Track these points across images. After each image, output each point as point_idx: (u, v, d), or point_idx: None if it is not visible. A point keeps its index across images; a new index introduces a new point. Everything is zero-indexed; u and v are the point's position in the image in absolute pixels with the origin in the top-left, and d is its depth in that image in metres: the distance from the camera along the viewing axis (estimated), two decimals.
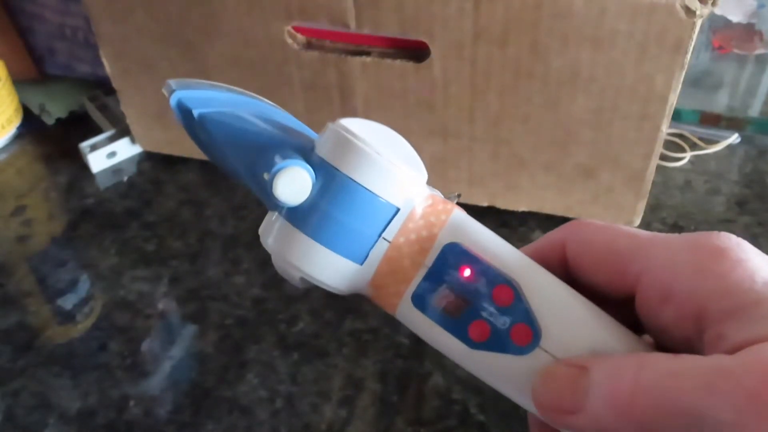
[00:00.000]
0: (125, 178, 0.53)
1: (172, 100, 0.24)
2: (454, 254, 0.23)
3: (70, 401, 0.38)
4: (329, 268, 0.23)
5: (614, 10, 0.36)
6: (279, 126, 0.25)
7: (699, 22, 0.36)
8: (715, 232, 0.21)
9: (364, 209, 0.23)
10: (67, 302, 0.44)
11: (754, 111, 0.57)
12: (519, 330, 0.22)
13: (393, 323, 0.41)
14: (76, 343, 0.41)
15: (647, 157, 0.42)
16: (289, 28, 0.43)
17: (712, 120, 0.55)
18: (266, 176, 0.23)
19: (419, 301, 0.23)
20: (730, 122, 0.55)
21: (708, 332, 0.20)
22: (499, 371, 0.23)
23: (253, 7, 0.42)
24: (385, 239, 0.23)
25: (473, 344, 0.23)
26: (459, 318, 0.23)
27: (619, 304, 0.23)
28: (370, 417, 0.37)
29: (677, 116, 0.55)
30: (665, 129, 0.40)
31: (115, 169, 0.54)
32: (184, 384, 0.39)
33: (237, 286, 0.44)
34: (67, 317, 0.43)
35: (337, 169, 0.23)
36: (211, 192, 0.51)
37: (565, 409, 0.21)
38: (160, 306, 0.43)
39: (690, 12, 0.35)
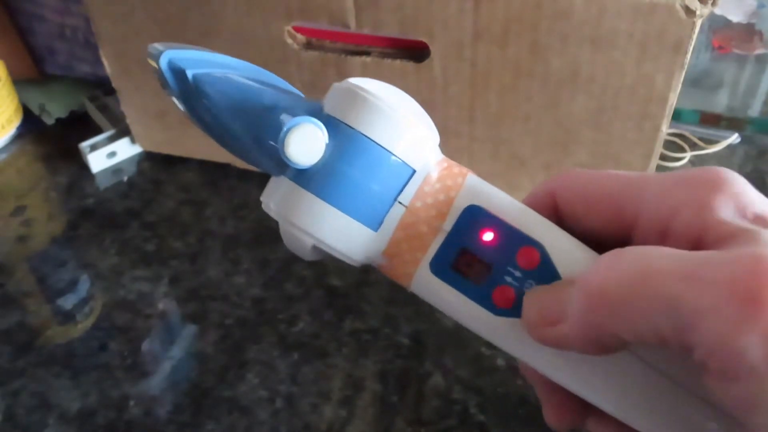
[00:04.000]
0: (125, 178, 0.53)
1: (162, 61, 0.22)
2: (475, 217, 0.22)
3: (70, 401, 0.38)
4: (342, 233, 0.22)
5: (614, 10, 0.36)
6: (279, 88, 0.23)
7: (699, 22, 0.36)
8: (709, 167, 0.21)
9: (380, 169, 0.22)
10: (67, 302, 0.44)
11: (754, 111, 0.57)
12: None
13: (393, 323, 0.41)
14: (76, 343, 0.41)
15: (647, 157, 0.42)
16: (289, 28, 0.43)
17: (712, 120, 0.55)
18: (274, 138, 0.21)
19: (438, 268, 0.22)
20: (730, 122, 0.55)
21: None
22: (525, 338, 0.22)
23: (253, 7, 0.42)
24: (400, 203, 0.22)
25: (497, 311, 0.22)
26: (482, 284, 0.22)
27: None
28: (370, 417, 0.37)
29: (677, 116, 0.55)
30: (665, 129, 0.40)
31: (115, 169, 0.54)
32: (184, 384, 0.39)
33: (237, 286, 0.44)
34: (67, 317, 0.43)
35: (351, 127, 0.22)
36: (211, 192, 0.51)
37: (549, 320, 0.20)
38: (160, 306, 0.43)
39: (690, 12, 0.35)
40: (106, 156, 0.53)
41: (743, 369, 0.17)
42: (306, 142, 0.21)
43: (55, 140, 0.57)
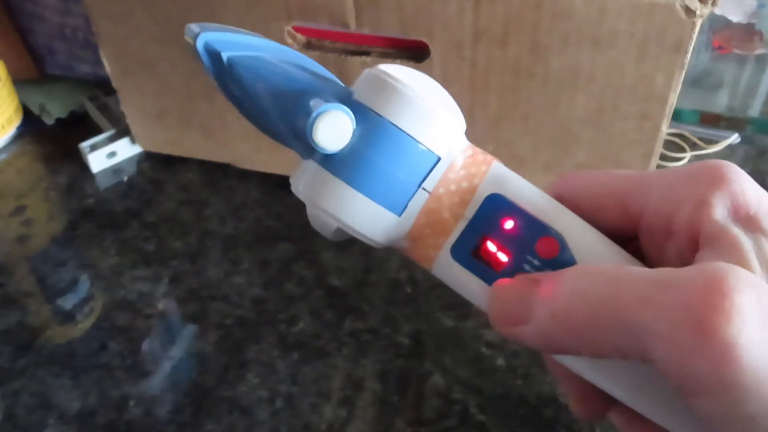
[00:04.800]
0: (125, 178, 0.53)
1: (199, 43, 0.23)
2: (497, 205, 0.23)
3: (70, 401, 0.38)
4: (366, 217, 0.23)
5: (614, 10, 0.36)
6: (311, 72, 0.24)
7: (699, 22, 0.36)
8: (714, 160, 0.21)
9: (405, 156, 0.22)
10: (67, 302, 0.44)
11: (754, 111, 0.57)
12: None
13: (393, 323, 0.41)
14: (76, 343, 0.41)
15: (647, 157, 0.42)
16: (289, 28, 0.43)
17: (712, 120, 0.55)
18: (303, 122, 0.21)
19: (459, 253, 0.23)
20: (730, 122, 0.55)
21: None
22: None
23: (253, 7, 0.43)
24: (424, 189, 0.23)
25: None
26: (501, 271, 0.23)
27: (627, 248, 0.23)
28: (370, 417, 0.37)
29: (677, 116, 0.55)
30: (665, 129, 0.40)
31: (115, 169, 0.54)
32: (184, 384, 0.39)
33: (237, 286, 0.44)
34: (67, 317, 0.43)
35: (379, 114, 0.22)
36: (211, 192, 0.51)
37: (513, 321, 0.21)
38: (160, 306, 0.43)
39: (690, 12, 0.35)
40: (106, 156, 0.53)
41: (699, 389, 0.17)
42: (334, 129, 0.22)
43: (55, 140, 0.57)
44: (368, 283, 0.44)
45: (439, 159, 0.23)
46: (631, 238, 0.23)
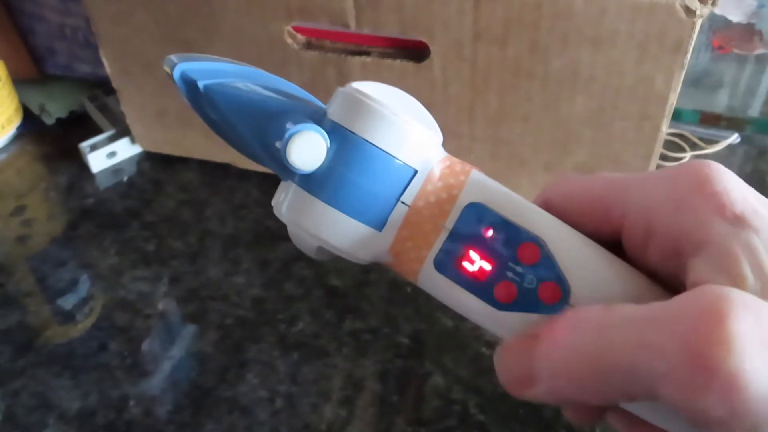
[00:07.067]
0: (125, 178, 0.53)
1: (176, 73, 0.24)
2: (476, 215, 0.23)
3: (70, 401, 0.38)
4: (347, 234, 0.23)
5: (614, 10, 0.36)
6: (286, 94, 0.24)
7: (699, 22, 0.36)
8: (696, 161, 0.21)
9: (382, 172, 0.22)
10: (67, 302, 0.44)
11: (754, 111, 0.57)
12: (547, 288, 0.22)
13: (393, 323, 0.41)
14: (76, 343, 0.41)
15: (647, 157, 0.42)
16: (289, 28, 0.43)
17: (712, 120, 0.55)
18: (278, 144, 0.22)
19: (442, 265, 0.23)
20: (730, 122, 0.55)
21: (684, 267, 0.20)
22: (528, 333, 0.22)
23: (253, 7, 0.43)
24: (403, 203, 0.23)
25: (500, 306, 0.23)
26: (484, 280, 0.23)
27: (615, 252, 0.23)
28: (370, 417, 0.37)
29: (677, 116, 0.55)
30: (665, 129, 0.40)
31: (115, 169, 0.54)
32: (184, 384, 0.39)
33: (237, 286, 0.44)
34: (67, 317, 0.43)
35: (352, 132, 0.22)
36: (211, 192, 0.51)
37: (522, 383, 0.21)
38: (160, 306, 0.43)
39: (690, 12, 0.35)
40: (106, 156, 0.53)
41: (713, 421, 0.17)
42: (307, 149, 0.22)
43: (55, 140, 0.57)
44: (368, 283, 0.44)
45: (415, 172, 0.23)
46: (613, 244, 0.23)
